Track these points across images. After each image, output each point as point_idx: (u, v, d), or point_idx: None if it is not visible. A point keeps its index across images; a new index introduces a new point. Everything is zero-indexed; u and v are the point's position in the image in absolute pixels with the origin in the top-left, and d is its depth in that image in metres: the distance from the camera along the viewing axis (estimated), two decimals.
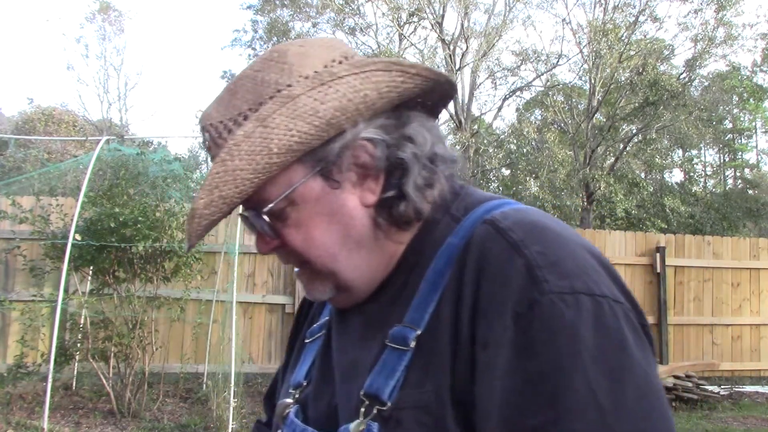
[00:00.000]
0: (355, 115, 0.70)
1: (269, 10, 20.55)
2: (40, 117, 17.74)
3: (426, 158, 0.73)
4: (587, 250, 0.67)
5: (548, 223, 0.69)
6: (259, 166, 0.68)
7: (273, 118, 0.67)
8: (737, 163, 25.65)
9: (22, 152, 12.54)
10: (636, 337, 0.62)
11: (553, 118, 17.94)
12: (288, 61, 0.72)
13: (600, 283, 0.63)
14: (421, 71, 0.73)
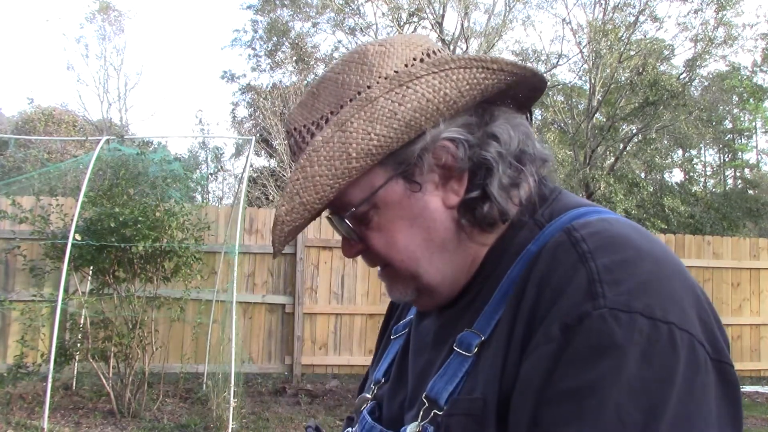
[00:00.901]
0: (436, 115, 0.68)
1: (269, 10, 20.55)
2: (40, 117, 17.74)
3: (512, 157, 0.71)
4: (675, 273, 0.60)
5: (632, 237, 0.62)
6: (338, 172, 0.68)
7: (351, 122, 0.67)
8: (737, 163, 25.65)
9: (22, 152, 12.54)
10: (696, 375, 0.55)
11: (553, 118, 17.94)
12: (368, 62, 0.71)
13: (670, 310, 0.56)
14: (504, 66, 0.70)
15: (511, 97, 0.76)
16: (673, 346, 0.55)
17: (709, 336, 0.58)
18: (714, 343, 0.58)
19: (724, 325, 0.62)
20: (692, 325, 0.57)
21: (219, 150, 23.32)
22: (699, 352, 0.56)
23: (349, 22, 19.35)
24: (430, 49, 0.74)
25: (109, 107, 21.66)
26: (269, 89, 17.66)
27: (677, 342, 0.55)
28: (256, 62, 21.05)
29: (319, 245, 7.48)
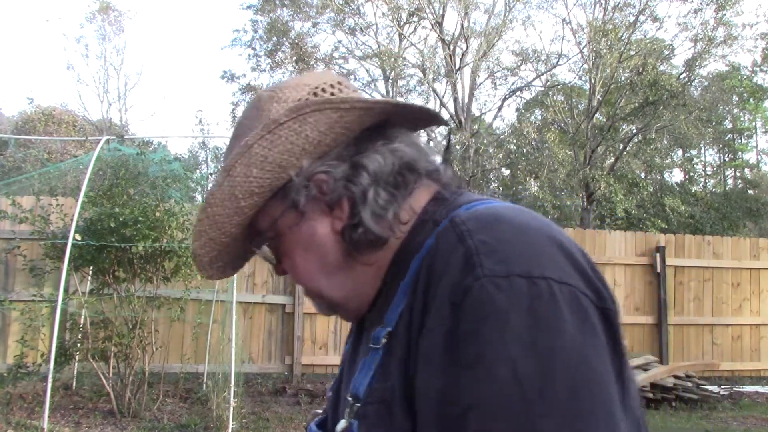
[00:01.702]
0: (303, 154, 0.76)
1: (269, 10, 20.54)
2: (40, 117, 17.74)
3: (385, 181, 0.76)
4: (549, 238, 0.66)
5: (510, 215, 0.68)
6: (231, 211, 0.78)
7: (235, 168, 0.76)
8: (737, 163, 25.65)
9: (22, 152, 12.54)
10: (581, 320, 0.60)
11: (553, 118, 17.93)
12: (260, 107, 0.81)
13: (546, 267, 0.61)
14: (356, 104, 0.76)
15: (410, 121, 0.83)
16: (553, 298, 0.59)
17: (591, 286, 0.63)
18: (597, 292, 0.63)
19: (724, 325, 0.64)
20: (571, 277, 0.62)
21: (219, 150, 23.32)
22: (582, 300, 0.61)
23: (349, 22, 19.35)
24: (318, 87, 0.81)
25: (109, 107, 21.67)
26: None
27: (557, 294, 0.60)
28: (256, 62, 21.05)
29: None
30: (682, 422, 5.94)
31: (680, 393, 6.58)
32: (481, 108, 21.35)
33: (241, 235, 0.82)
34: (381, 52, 18.50)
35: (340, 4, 18.24)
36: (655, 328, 8.34)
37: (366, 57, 19.76)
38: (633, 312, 8.35)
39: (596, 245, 8.37)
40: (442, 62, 18.77)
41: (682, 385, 6.64)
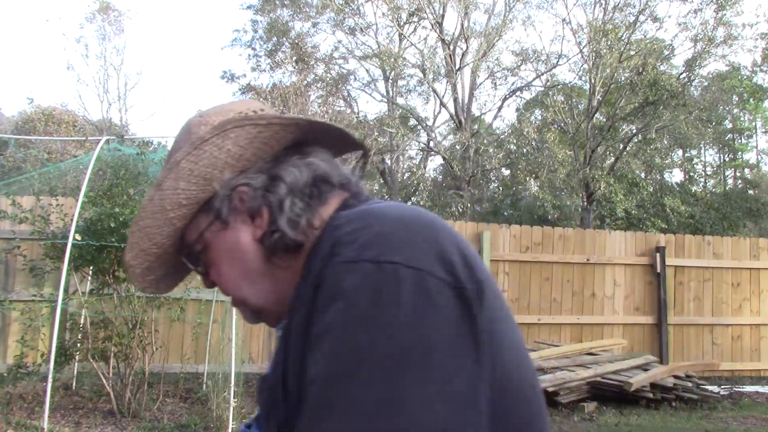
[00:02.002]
0: (226, 167, 0.83)
1: (269, 10, 20.54)
2: (40, 117, 17.74)
3: (301, 191, 0.83)
4: (415, 228, 0.70)
5: (382, 210, 0.74)
6: (161, 222, 0.85)
7: (165, 182, 0.83)
8: (737, 163, 25.65)
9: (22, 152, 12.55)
10: (422, 300, 0.63)
11: (553, 118, 17.93)
12: (189, 131, 0.89)
13: (397, 253, 0.66)
14: (273, 120, 0.83)
15: (331, 142, 0.91)
16: (397, 279, 0.64)
17: (448, 269, 0.67)
18: (453, 274, 0.67)
19: (724, 325, 0.64)
20: (421, 262, 0.66)
21: None
22: (428, 282, 0.65)
23: (349, 22, 19.35)
24: (242, 112, 0.89)
25: (109, 107, 21.67)
26: (269, 89, 17.66)
27: (401, 276, 0.64)
28: (256, 62, 21.05)
29: None
30: (682, 422, 5.94)
31: (680, 393, 6.58)
32: (481, 108, 21.37)
33: (172, 248, 0.89)
34: (381, 52, 18.49)
35: (340, 4, 18.23)
36: (655, 328, 8.34)
37: (366, 57, 19.76)
38: (633, 312, 8.35)
39: (596, 245, 8.37)
40: (442, 62, 18.76)
41: (682, 385, 6.64)
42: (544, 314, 8.06)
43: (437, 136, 21.25)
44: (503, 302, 0.75)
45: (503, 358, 0.69)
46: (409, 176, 20.77)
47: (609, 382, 6.34)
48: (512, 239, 8.12)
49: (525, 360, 0.75)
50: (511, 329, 0.74)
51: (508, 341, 0.71)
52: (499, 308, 0.72)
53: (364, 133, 16.53)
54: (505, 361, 0.69)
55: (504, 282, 7.99)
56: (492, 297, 0.70)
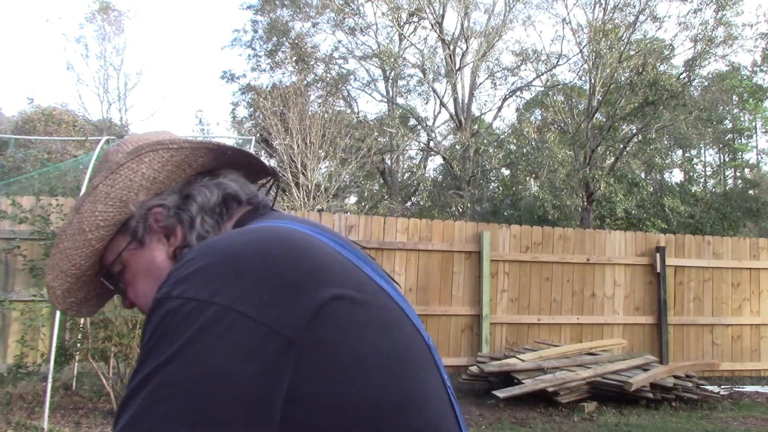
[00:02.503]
0: (141, 189, 0.88)
1: (269, 10, 20.54)
2: (40, 117, 17.73)
3: (211, 209, 0.89)
4: (243, 261, 0.70)
5: (223, 243, 0.74)
6: (80, 243, 0.88)
7: (83, 205, 0.87)
8: (737, 163, 25.65)
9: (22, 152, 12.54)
10: (214, 335, 0.64)
11: (553, 118, 17.93)
12: (107, 158, 0.94)
13: (192, 288, 0.67)
14: (183, 144, 0.89)
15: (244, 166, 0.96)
16: (175, 315, 0.66)
17: (259, 304, 0.66)
18: (262, 309, 0.66)
19: (724, 325, 0.64)
20: (220, 295, 0.66)
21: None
22: (227, 320, 0.65)
23: (349, 22, 19.36)
24: (156, 141, 0.92)
25: (109, 107, 21.65)
26: (269, 89, 17.65)
27: (184, 312, 0.66)
28: (256, 62, 21.05)
29: None
30: (682, 422, 5.94)
31: (680, 393, 6.58)
32: (481, 108, 21.37)
33: (91, 269, 0.93)
34: (381, 52, 18.50)
35: (340, 4, 18.24)
36: (655, 328, 8.34)
37: (366, 57, 19.76)
38: (633, 312, 8.35)
39: (596, 245, 8.37)
40: (442, 62, 18.77)
41: (682, 385, 6.64)
42: (544, 314, 8.06)
43: (437, 136, 21.26)
44: (386, 313, 0.75)
45: (355, 376, 0.67)
46: (409, 176, 20.77)
47: (609, 382, 6.34)
48: (512, 239, 8.12)
49: (407, 372, 0.72)
50: (394, 343, 0.72)
51: (375, 357, 0.70)
52: (362, 325, 0.70)
53: (364, 133, 16.53)
54: (357, 378, 0.68)
55: (504, 282, 7.99)
56: (350, 314, 0.69)
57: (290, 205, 13.34)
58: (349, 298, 0.71)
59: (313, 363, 0.66)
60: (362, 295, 0.73)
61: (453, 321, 7.78)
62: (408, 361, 0.74)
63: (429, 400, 0.74)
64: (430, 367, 0.78)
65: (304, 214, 7.76)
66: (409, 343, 0.76)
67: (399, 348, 0.73)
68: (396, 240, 7.73)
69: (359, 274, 0.76)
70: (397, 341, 0.74)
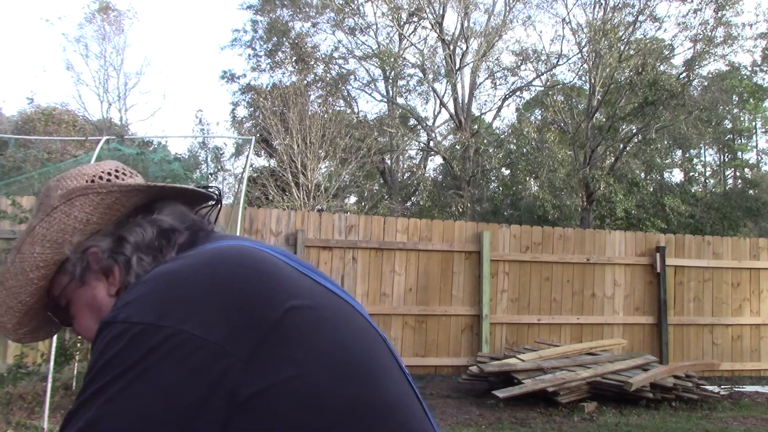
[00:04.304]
0: (75, 231, 0.90)
1: (269, 10, 20.54)
2: (40, 117, 17.73)
3: (147, 247, 0.90)
4: (187, 285, 0.73)
5: (168, 268, 0.77)
6: (23, 282, 0.92)
7: (23, 246, 0.91)
8: (737, 163, 25.64)
9: (22, 152, 12.53)
10: (152, 360, 0.66)
11: (553, 118, 17.93)
12: (48, 194, 0.96)
13: (137, 313, 0.70)
14: (112, 188, 0.91)
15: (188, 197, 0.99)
16: (118, 339, 0.69)
17: (207, 324, 0.68)
18: (211, 327, 0.68)
19: (724, 325, 0.64)
20: (167, 318, 0.69)
21: (219, 150, 23.29)
22: (150, 340, 0.68)
23: (349, 22, 19.35)
24: (96, 175, 0.98)
25: (109, 107, 21.66)
26: (269, 89, 17.65)
27: (132, 333, 0.69)
28: (256, 62, 21.04)
29: (319, 245, 7.48)
30: (682, 422, 5.94)
31: (680, 393, 6.58)
32: (481, 108, 21.36)
33: (39, 303, 0.96)
34: (381, 52, 18.49)
35: (340, 4, 18.24)
36: (655, 328, 8.34)
37: (366, 57, 19.76)
38: (633, 312, 8.35)
39: (596, 245, 8.37)
40: (442, 62, 18.77)
41: (682, 385, 6.64)
42: (544, 314, 8.06)
43: (437, 136, 21.25)
44: (341, 314, 0.78)
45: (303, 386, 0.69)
46: (409, 176, 20.76)
47: (609, 382, 6.34)
48: (512, 239, 8.12)
49: (369, 367, 0.74)
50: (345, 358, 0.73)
51: (338, 357, 0.72)
52: (321, 329, 0.73)
53: (364, 133, 16.53)
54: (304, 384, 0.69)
55: (504, 282, 7.99)
56: (307, 322, 0.72)
57: (290, 205, 13.34)
58: (306, 306, 0.74)
59: (271, 375, 0.68)
60: (315, 302, 0.75)
61: (453, 321, 7.78)
62: (369, 356, 0.76)
63: (390, 391, 0.76)
64: (389, 359, 0.80)
65: (304, 214, 7.76)
66: (367, 339, 0.79)
67: (359, 344, 0.77)
68: (396, 240, 7.73)
69: (308, 282, 0.79)
70: (356, 339, 0.77)
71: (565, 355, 6.92)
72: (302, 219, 7.57)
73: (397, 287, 7.64)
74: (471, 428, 5.52)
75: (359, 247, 7.60)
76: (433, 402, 6.42)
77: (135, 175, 1.03)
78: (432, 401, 6.45)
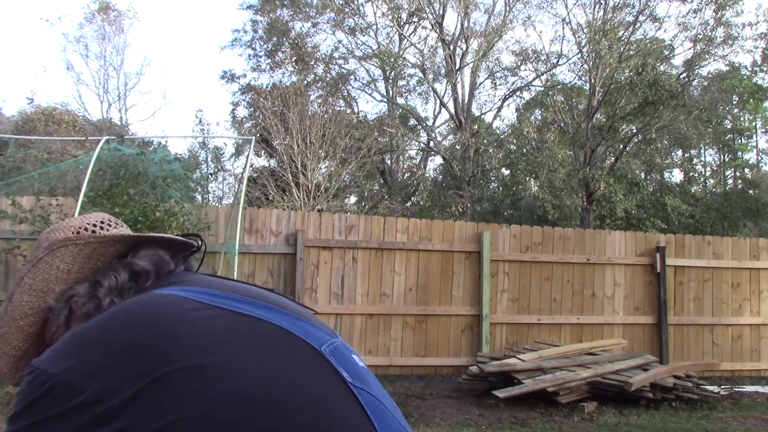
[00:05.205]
0: (58, 281, 0.97)
1: (269, 10, 20.54)
2: (40, 117, 17.74)
3: (120, 289, 0.95)
4: (90, 339, 0.82)
5: (89, 322, 0.86)
6: (14, 329, 0.99)
7: (14, 295, 0.98)
8: (737, 163, 25.63)
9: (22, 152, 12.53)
10: (35, 406, 0.76)
11: (553, 118, 17.93)
12: (40, 245, 1.02)
13: (45, 361, 0.79)
14: (89, 240, 0.98)
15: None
16: (29, 383, 0.78)
17: (86, 374, 0.77)
18: (90, 377, 0.76)
19: (724, 325, 0.64)
20: (56, 367, 0.78)
21: (219, 150, 23.30)
22: (48, 390, 0.76)
23: (349, 22, 19.35)
24: (81, 227, 1.03)
25: (109, 107, 21.65)
26: (269, 89, 17.65)
27: (32, 379, 0.78)
28: (256, 62, 21.04)
29: (319, 245, 7.48)
30: (682, 422, 5.94)
31: (680, 393, 6.58)
32: (481, 108, 21.36)
33: (33, 348, 1.01)
34: (381, 52, 18.49)
35: (340, 4, 18.24)
36: (655, 328, 8.34)
37: (366, 57, 19.75)
38: (633, 312, 8.35)
39: (596, 245, 8.37)
40: (442, 62, 18.77)
41: (682, 385, 6.64)
42: (544, 314, 8.06)
43: (437, 136, 21.25)
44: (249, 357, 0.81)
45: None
46: (409, 176, 20.76)
47: (609, 382, 6.34)
48: (512, 239, 8.12)
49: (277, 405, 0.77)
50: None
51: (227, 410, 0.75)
52: (206, 390, 0.76)
53: (364, 133, 16.53)
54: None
55: (504, 282, 7.99)
56: (191, 384, 0.75)
57: (290, 205, 13.34)
58: (194, 367, 0.76)
59: (150, 423, 0.73)
60: (212, 359, 0.78)
61: (453, 321, 7.78)
62: (273, 391, 0.78)
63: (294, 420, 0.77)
64: (313, 370, 0.83)
65: (304, 214, 7.75)
66: (277, 356, 0.82)
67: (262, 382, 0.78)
68: (396, 240, 7.72)
69: (219, 326, 0.82)
70: (258, 377, 0.79)
71: (565, 355, 6.92)
72: (302, 219, 7.57)
73: (397, 287, 7.64)
74: (471, 428, 5.52)
75: (359, 247, 7.60)
76: (433, 402, 6.42)
77: (120, 226, 1.09)
78: (432, 401, 6.45)
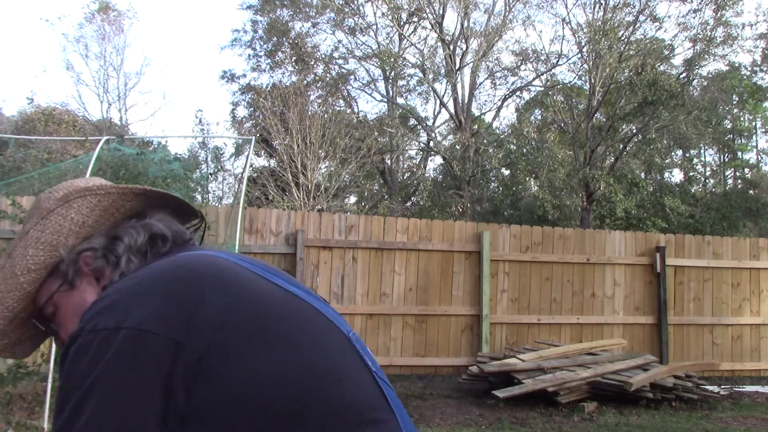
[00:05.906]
0: (71, 234, 0.93)
1: (269, 10, 20.53)
2: (40, 117, 17.73)
3: (138, 249, 0.93)
4: (148, 288, 0.79)
5: (125, 279, 0.84)
6: (12, 287, 0.92)
7: (15, 250, 0.94)
8: (737, 163, 25.62)
9: (22, 152, 12.53)
10: (118, 363, 0.73)
11: (553, 118, 17.92)
12: (38, 205, 0.97)
13: (101, 321, 0.76)
14: (110, 190, 0.94)
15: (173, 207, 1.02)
16: (91, 345, 0.74)
17: (164, 321, 0.75)
18: (169, 326, 0.75)
19: (724, 325, 0.65)
20: (128, 320, 0.75)
21: (219, 150, 23.28)
22: (124, 343, 0.73)
23: (349, 22, 19.35)
24: (86, 186, 0.98)
25: (109, 107, 21.65)
26: (269, 89, 17.65)
27: (98, 340, 0.74)
28: (256, 62, 21.03)
29: (319, 245, 7.48)
30: (682, 422, 5.94)
31: (680, 393, 6.58)
32: (481, 108, 21.36)
33: (24, 311, 0.96)
34: (381, 52, 18.49)
35: (340, 4, 18.24)
36: (655, 328, 8.34)
37: (366, 57, 19.75)
38: (633, 312, 8.35)
39: (596, 245, 8.37)
40: (442, 62, 18.76)
41: (682, 385, 6.64)
42: (544, 314, 8.06)
43: (437, 136, 21.25)
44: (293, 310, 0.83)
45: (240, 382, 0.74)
46: (409, 176, 20.75)
47: (609, 382, 6.34)
48: (512, 239, 8.12)
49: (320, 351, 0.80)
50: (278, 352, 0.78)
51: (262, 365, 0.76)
52: (249, 335, 0.77)
53: (364, 133, 16.53)
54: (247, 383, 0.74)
55: (504, 282, 7.99)
56: (234, 327, 0.76)
57: (290, 205, 13.34)
58: (252, 331, 0.77)
59: (222, 365, 0.73)
60: (263, 303, 0.81)
61: (453, 321, 7.78)
62: (321, 343, 0.81)
63: (347, 378, 0.80)
64: (349, 357, 0.84)
65: (304, 214, 7.75)
66: (321, 339, 0.83)
67: (312, 335, 0.82)
68: (396, 240, 7.72)
69: (263, 283, 0.85)
70: (308, 331, 0.82)
71: (565, 355, 6.92)
72: (302, 219, 7.57)
73: (397, 287, 7.64)
74: (471, 428, 5.52)
75: (359, 247, 7.60)
76: (433, 402, 6.42)
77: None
78: (432, 401, 6.45)
